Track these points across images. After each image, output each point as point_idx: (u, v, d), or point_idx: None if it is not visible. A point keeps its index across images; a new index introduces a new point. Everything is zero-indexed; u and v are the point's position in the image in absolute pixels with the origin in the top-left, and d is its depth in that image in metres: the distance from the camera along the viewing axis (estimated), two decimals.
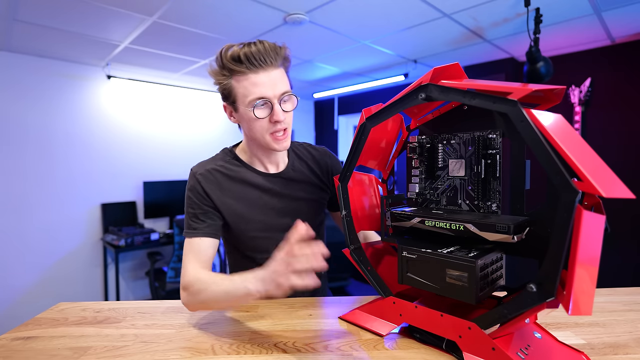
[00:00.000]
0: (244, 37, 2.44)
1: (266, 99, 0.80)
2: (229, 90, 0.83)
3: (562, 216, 0.48)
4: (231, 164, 0.93)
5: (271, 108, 0.82)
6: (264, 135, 0.84)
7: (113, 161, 3.29)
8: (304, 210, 0.99)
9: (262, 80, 0.80)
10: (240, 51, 0.79)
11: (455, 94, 0.59)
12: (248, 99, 0.80)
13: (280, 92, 0.82)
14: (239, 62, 0.79)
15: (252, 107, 0.81)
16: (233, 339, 0.72)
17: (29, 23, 2.17)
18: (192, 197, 0.88)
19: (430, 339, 0.67)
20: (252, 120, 0.82)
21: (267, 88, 0.80)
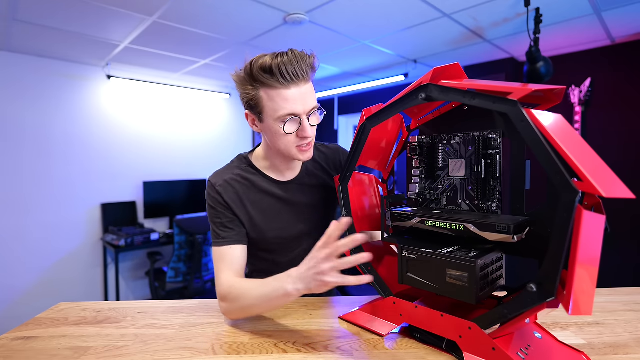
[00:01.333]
0: (244, 37, 2.44)
1: (296, 115, 0.79)
2: (256, 101, 0.80)
3: (562, 216, 0.48)
4: (247, 172, 0.93)
5: (300, 123, 0.80)
6: (289, 148, 0.83)
7: (113, 161, 3.28)
8: (319, 215, 0.99)
9: (294, 96, 0.77)
10: (273, 62, 0.75)
11: (455, 94, 0.59)
12: (278, 114, 0.78)
13: (310, 108, 0.80)
14: (271, 74, 0.76)
15: (281, 123, 0.79)
16: (233, 339, 0.72)
17: (29, 23, 2.17)
18: (216, 207, 0.88)
19: (430, 339, 0.67)
20: (279, 134, 0.81)
21: (298, 104, 0.78)
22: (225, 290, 0.78)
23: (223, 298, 0.79)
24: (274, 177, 0.94)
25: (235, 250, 0.86)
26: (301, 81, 0.78)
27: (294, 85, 0.77)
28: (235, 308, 0.77)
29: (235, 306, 0.76)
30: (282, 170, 0.94)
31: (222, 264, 0.83)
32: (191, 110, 3.83)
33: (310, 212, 0.97)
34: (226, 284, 0.79)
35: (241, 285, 0.77)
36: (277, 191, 0.93)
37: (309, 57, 0.80)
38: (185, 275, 2.79)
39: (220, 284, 0.80)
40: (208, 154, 3.95)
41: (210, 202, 0.89)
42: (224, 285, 0.79)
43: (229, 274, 0.82)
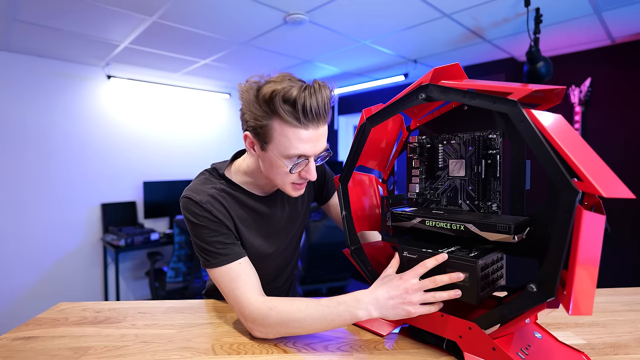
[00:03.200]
0: (244, 37, 2.44)
1: (306, 157, 0.74)
2: (265, 130, 0.72)
3: (563, 216, 0.48)
4: (228, 187, 0.85)
5: (306, 164, 0.75)
6: (285, 184, 0.78)
7: (113, 161, 3.28)
8: (296, 226, 0.97)
9: (309, 138, 0.71)
10: (299, 98, 0.67)
11: (455, 94, 0.59)
12: (287, 152, 0.72)
13: (321, 150, 0.75)
14: (294, 109, 0.68)
15: (288, 162, 0.73)
16: (233, 339, 0.72)
17: (29, 23, 2.17)
18: (206, 225, 0.77)
19: (430, 339, 0.67)
20: (280, 169, 0.75)
21: (312, 146, 0.72)
22: (264, 312, 0.69)
23: (260, 321, 0.70)
24: (254, 192, 0.88)
25: (245, 264, 0.77)
26: (321, 122, 0.72)
27: (312, 126, 0.71)
28: (280, 331, 0.70)
29: (280, 329, 0.69)
30: (262, 185, 0.88)
31: (239, 283, 0.74)
32: (191, 110, 3.83)
33: (289, 225, 0.95)
34: (262, 305, 0.70)
35: (287, 307, 0.69)
36: (258, 206, 0.88)
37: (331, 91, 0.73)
38: (185, 275, 2.79)
39: (250, 305, 0.71)
40: (208, 154, 3.95)
41: (198, 221, 0.77)
42: (259, 307, 0.70)
43: (255, 291, 0.73)
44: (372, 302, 0.65)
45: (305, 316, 0.67)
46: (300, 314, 0.68)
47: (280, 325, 0.69)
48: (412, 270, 0.65)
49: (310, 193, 1.02)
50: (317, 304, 0.68)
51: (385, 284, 0.66)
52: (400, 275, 0.65)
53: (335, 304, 0.67)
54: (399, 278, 0.65)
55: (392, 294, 0.64)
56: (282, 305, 0.70)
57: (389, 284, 0.66)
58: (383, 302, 0.64)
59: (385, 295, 0.64)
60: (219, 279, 0.76)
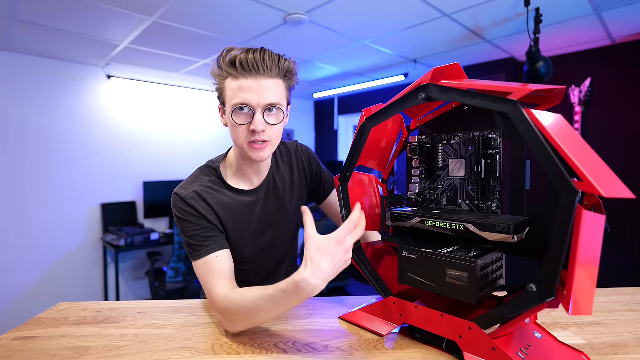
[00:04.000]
0: (244, 37, 2.44)
1: (249, 106, 0.78)
2: (221, 91, 0.82)
3: (562, 216, 0.48)
4: (216, 185, 0.88)
5: (252, 117, 0.79)
6: (242, 143, 0.81)
7: (113, 161, 3.29)
8: (289, 218, 0.98)
9: (250, 86, 0.77)
10: (239, 54, 0.77)
11: (455, 94, 0.59)
12: (232, 101, 0.78)
13: (266, 103, 0.78)
14: (233, 65, 0.78)
15: (234, 113, 0.79)
16: (233, 339, 0.72)
17: (29, 23, 2.17)
18: (189, 220, 0.82)
19: (430, 339, 0.67)
20: (233, 125, 0.81)
21: (252, 95, 0.77)
22: (226, 305, 0.71)
23: (225, 314, 0.72)
24: (242, 186, 0.91)
25: (222, 257, 0.80)
26: (261, 75, 0.77)
27: (252, 77, 0.77)
28: (242, 324, 0.71)
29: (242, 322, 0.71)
30: (249, 175, 0.91)
31: (211, 276, 0.77)
32: (191, 110, 3.83)
33: (278, 218, 0.96)
34: (225, 298, 0.72)
35: (242, 298, 0.70)
36: (245, 200, 0.90)
37: (281, 58, 0.79)
38: (185, 275, 2.80)
39: (217, 298, 0.73)
40: (208, 154, 3.92)
41: (182, 216, 0.82)
42: (223, 300, 0.72)
43: (223, 285, 0.75)
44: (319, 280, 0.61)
45: (259, 306, 0.67)
46: (254, 305, 0.67)
47: (241, 317, 0.70)
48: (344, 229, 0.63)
49: (302, 189, 1.02)
50: (266, 295, 0.66)
51: (325, 254, 0.61)
52: (336, 239, 0.62)
53: (280, 292, 0.64)
54: (335, 242, 0.62)
55: (336, 260, 0.62)
56: (239, 296, 0.70)
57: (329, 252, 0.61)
58: (330, 273, 0.61)
59: (331, 266, 0.61)
60: (198, 272, 0.80)
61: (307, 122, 5.06)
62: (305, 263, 0.62)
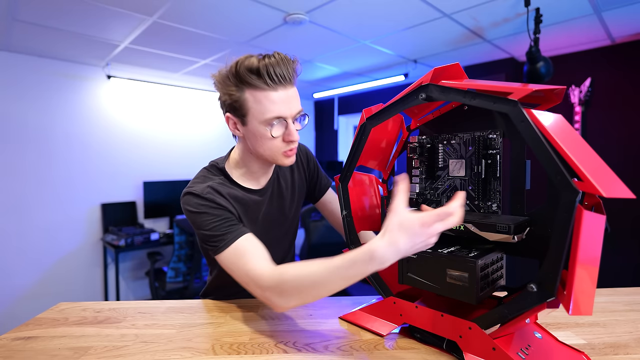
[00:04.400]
0: (244, 37, 2.44)
1: (283, 118, 0.77)
2: (240, 103, 0.77)
3: (563, 216, 0.48)
4: (225, 183, 0.87)
5: (286, 127, 0.79)
6: (274, 152, 0.81)
7: (113, 161, 3.28)
8: (292, 215, 1.00)
9: (281, 98, 0.76)
10: (260, 64, 0.74)
11: (455, 94, 0.59)
12: (265, 116, 0.76)
13: (296, 111, 0.80)
14: (258, 75, 0.74)
15: (268, 126, 0.77)
16: (233, 339, 0.72)
17: (29, 23, 2.17)
18: (207, 212, 0.79)
19: (430, 339, 0.67)
20: (264, 137, 0.78)
21: (285, 107, 0.77)
22: (276, 278, 0.67)
23: (274, 288, 0.68)
24: (250, 185, 0.91)
25: (252, 238, 0.77)
26: (288, 84, 0.77)
27: (281, 87, 0.76)
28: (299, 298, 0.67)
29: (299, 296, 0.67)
30: (258, 176, 0.91)
31: (248, 257, 0.73)
32: (191, 110, 3.83)
33: (284, 216, 0.97)
34: (273, 272, 0.68)
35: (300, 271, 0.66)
36: (253, 199, 0.90)
37: (293, 62, 0.79)
38: (185, 275, 2.79)
39: (261, 274, 0.69)
40: (208, 154, 3.93)
41: (198, 210, 0.79)
42: (271, 276, 0.68)
43: (264, 262, 0.72)
44: (392, 254, 0.57)
45: (321, 279, 0.63)
46: (316, 277, 0.64)
47: (298, 291, 0.66)
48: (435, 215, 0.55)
49: (302, 188, 1.03)
50: (331, 266, 0.63)
51: (406, 232, 0.56)
52: (421, 220, 0.56)
53: (350, 263, 0.60)
54: (420, 224, 0.56)
55: (416, 242, 0.57)
56: (294, 270, 0.67)
57: (411, 232, 0.56)
58: (405, 251, 0.57)
59: (409, 245, 0.57)
60: (229, 261, 0.75)
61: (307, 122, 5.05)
62: (383, 233, 0.58)
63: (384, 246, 0.57)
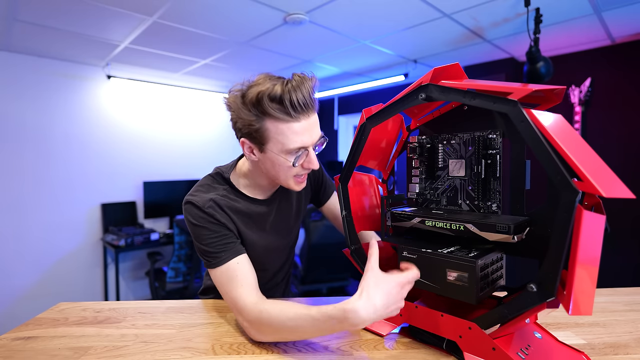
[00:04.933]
0: (244, 37, 2.44)
1: (306, 148, 0.76)
2: (260, 132, 0.73)
3: (562, 216, 0.48)
4: (231, 194, 0.86)
5: (306, 155, 0.77)
6: (288, 179, 0.79)
7: (113, 161, 3.28)
8: (295, 223, 0.99)
9: (304, 129, 0.73)
10: (283, 92, 0.70)
11: (455, 94, 0.59)
12: (287, 147, 0.73)
13: (317, 138, 0.78)
14: (281, 105, 0.70)
15: (289, 156, 0.75)
16: (233, 339, 0.72)
17: (29, 23, 2.17)
18: (207, 227, 0.79)
19: (430, 339, 0.67)
20: (283, 165, 0.76)
21: (307, 137, 0.75)
22: (256, 315, 0.68)
23: (253, 322, 0.69)
24: (255, 195, 0.89)
25: (243, 262, 0.77)
26: (310, 111, 0.74)
27: (304, 117, 0.73)
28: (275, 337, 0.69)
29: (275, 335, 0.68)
30: (265, 189, 0.90)
31: (235, 283, 0.74)
32: (191, 110, 3.83)
33: (289, 225, 0.97)
34: (254, 307, 0.69)
35: (278, 313, 0.66)
36: (259, 209, 0.89)
37: (311, 80, 0.74)
38: (185, 275, 2.79)
39: (244, 306, 0.70)
40: (208, 154, 3.95)
41: (198, 223, 0.79)
42: (252, 308, 0.69)
43: (249, 293, 0.73)
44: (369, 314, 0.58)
45: (297, 326, 0.65)
46: (292, 323, 0.65)
47: (273, 331, 0.68)
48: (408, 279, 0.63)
49: (307, 193, 1.03)
50: (307, 316, 0.63)
51: (382, 291, 0.60)
52: (398, 281, 0.61)
53: (326, 317, 0.61)
54: (397, 283, 0.61)
55: (390, 302, 0.60)
56: (273, 310, 0.67)
57: (387, 291, 0.60)
58: (381, 312, 0.60)
59: (384, 305, 0.59)
60: (218, 279, 0.77)
61: None
62: (360, 293, 0.60)
63: (361, 307, 0.58)
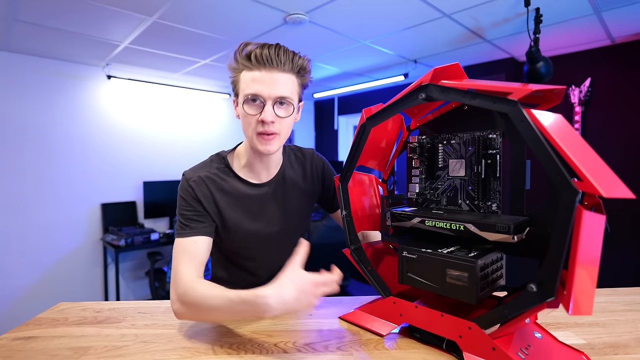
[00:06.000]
0: (244, 37, 2.44)
1: (260, 97, 0.79)
2: (235, 83, 0.85)
3: (562, 216, 0.48)
4: (223, 173, 0.91)
5: (262, 106, 0.80)
6: (252, 134, 0.83)
7: (113, 161, 3.28)
8: (292, 222, 0.98)
9: (262, 78, 0.79)
10: (254, 48, 0.80)
11: (455, 94, 0.59)
12: (244, 92, 0.81)
13: (277, 95, 0.80)
14: (248, 58, 0.80)
15: (247, 105, 0.81)
16: (233, 339, 0.72)
17: (29, 23, 2.17)
18: (186, 199, 0.86)
19: (430, 339, 0.67)
20: (244, 115, 0.82)
21: (264, 86, 0.79)
22: (185, 289, 0.73)
23: (180, 295, 0.73)
24: (249, 178, 0.92)
25: (200, 243, 0.82)
26: (274, 68, 0.79)
27: (265, 69, 0.79)
28: (192, 312, 0.73)
29: (193, 311, 0.72)
30: (258, 169, 0.91)
31: (184, 257, 0.79)
32: (191, 110, 3.83)
33: (284, 217, 0.96)
34: (187, 282, 0.74)
35: (203, 291, 0.71)
36: (251, 192, 0.91)
37: (295, 55, 0.82)
38: None
39: (180, 280, 0.75)
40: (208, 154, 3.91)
41: (182, 194, 0.87)
42: (184, 283, 0.74)
43: (190, 270, 0.77)
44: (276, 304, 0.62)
45: (214, 305, 0.68)
46: (211, 302, 0.69)
47: (193, 307, 0.72)
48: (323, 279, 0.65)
49: (312, 196, 1.02)
50: (225, 297, 0.67)
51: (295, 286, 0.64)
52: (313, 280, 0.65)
53: (239, 300, 0.65)
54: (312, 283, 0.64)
55: (301, 297, 0.64)
56: (200, 287, 0.72)
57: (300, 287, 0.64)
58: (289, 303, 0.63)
59: (293, 299, 0.63)
60: (174, 249, 0.82)
61: (307, 122, 5.06)
62: (273, 283, 0.64)
63: (270, 294, 0.63)
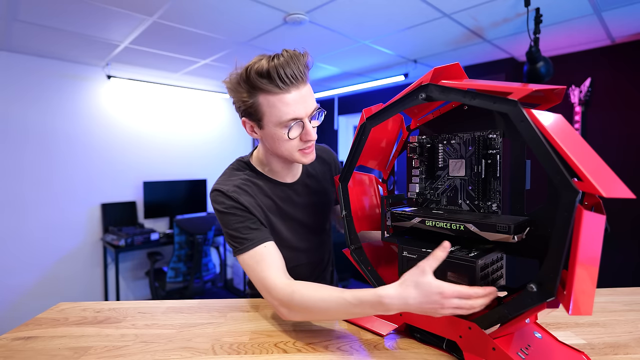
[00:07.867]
0: (244, 37, 2.44)
1: (299, 119, 0.77)
2: (255, 108, 0.77)
3: (563, 216, 0.48)
4: (253, 177, 0.89)
5: (302, 126, 0.78)
6: (292, 152, 0.81)
7: (113, 161, 3.28)
8: (321, 215, 1.00)
9: (295, 100, 0.75)
10: (270, 66, 0.72)
11: (455, 94, 0.59)
12: (280, 120, 0.76)
13: (312, 110, 0.79)
14: (269, 79, 0.73)
15: (285, 129, 0.77)
16: (233, 339, 0.72)
17: (29, 23, 2.17)
18: (234, 212, 0.81)
19: (430, 339, 0.67)
20: (281, 139, 0.78)
21: (300, 108, 0.76)
22: (287, 294, 0.70)
23: (285, 302, 0.70)
24: (278, 179, 0.92)
25: (270, 247, 0.79)
26: (300, 83, 0.76)
27: (293, 88, 0.75)
28: (304, 316, 0.71)
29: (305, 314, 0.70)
30: (282, 175, 0.92)
31: (264, 265, 0.75)
32: (191, 110, 3.83)
33: (313, 213, 0.97)
34: (286, 287, 0.71)
35: (311, 293, 0.68)
36: (283, 193, 0.91)
37: (304, 56, 0.77)
38: (185, 275, 2.80)
39: (275, 286, 0.72)
40: (208, 154, 3.95)
41: (225, 209, 0.81)
42: (283, 290, 0.71)
43: (279, 274, 0.74)
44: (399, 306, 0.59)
45: (328, 307, 0.66)
46: (323, 304, 0.66)
47: (304, 310, 0.69)
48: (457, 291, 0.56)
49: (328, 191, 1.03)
50: (340, 298, 0.65)
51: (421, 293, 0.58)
52: (441, 290, 0.56)
53: (358, 302, 0.63)
54: (439, 291, 0.56)
55: (425, 306, 0.58)
56: (306, 290, 0.69)
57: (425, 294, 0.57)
58: (413, 308, 0.59)
59: (416, 305, 0.58)
60: (246, 263, 0.78)
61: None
62: (399, 283, 0.60)
63: (394, 295, 0.59)
